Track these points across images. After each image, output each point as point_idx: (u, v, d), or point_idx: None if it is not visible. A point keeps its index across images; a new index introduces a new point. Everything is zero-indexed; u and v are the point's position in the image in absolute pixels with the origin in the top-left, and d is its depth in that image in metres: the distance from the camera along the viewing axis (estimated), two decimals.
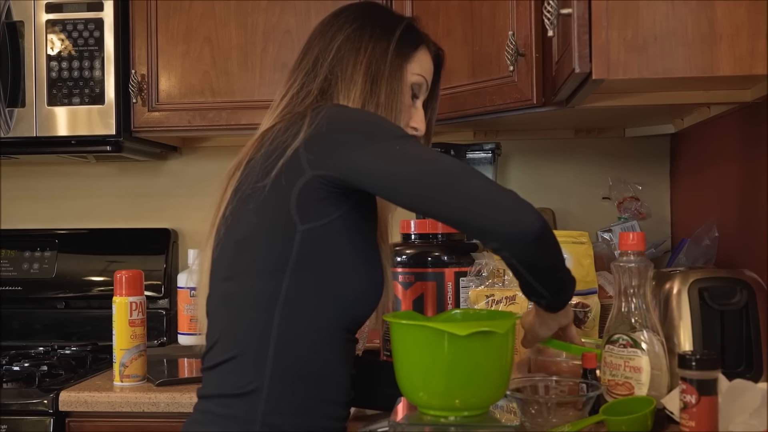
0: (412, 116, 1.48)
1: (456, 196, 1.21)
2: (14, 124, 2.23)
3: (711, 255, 1.85)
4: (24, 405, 1.95)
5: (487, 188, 1.21)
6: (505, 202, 1.20)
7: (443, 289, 1.86)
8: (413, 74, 1.46)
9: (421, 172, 1.22)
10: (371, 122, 1.31)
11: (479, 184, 1.21)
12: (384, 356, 1.94)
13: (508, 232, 1.20)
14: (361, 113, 1.35)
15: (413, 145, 1.28)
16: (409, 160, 1.24)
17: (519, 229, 1.19)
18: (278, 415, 1.27)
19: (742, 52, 1.28)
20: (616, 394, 1.37)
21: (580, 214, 2.44)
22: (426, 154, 1.29)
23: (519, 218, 1.19)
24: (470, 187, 1.21)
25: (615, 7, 1.29)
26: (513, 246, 1.21)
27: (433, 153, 1.35)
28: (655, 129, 2.31)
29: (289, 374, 1.28)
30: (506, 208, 1.20)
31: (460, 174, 1.21)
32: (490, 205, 1.20)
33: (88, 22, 2.23)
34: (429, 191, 1.22)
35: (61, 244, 2.57)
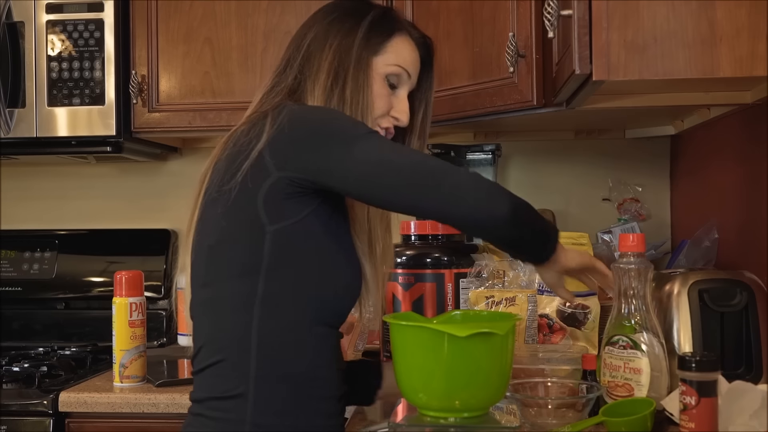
0: (393, 106, 1.44)
1: (420, 191, 1.23)
2: (14, 125, 2.23)
3: (711, 256, 1.85)
4: (24, 405, 1.94)
5: (451, 178, 1.23)
6: (471, 191, 1.23)
7: (443, 291, 1.86)
8: (387, 65, 1.42)
9: (384, 168, 1.24)
10: (333, 121, 1.30)
11: (442, 175, 1.23)
12: (384, 357, 1.94)
13: (478, 219, 1.24)
14: (323, 112, 1.34)
15: (374, 142, 1.27)
16: (371, 159, 1.24)
17: (489, 215, 1.23)
18: (267, 415, 1.27)
19: (743, 54, 1.28)
20: (615, 396, 1.37)
21: (580, 216, 2.44)
22: (387, 149, 1.28)
23: (486, 205, 1.23)
24: (434, 179, 1.23)
25: (615, 8, 1.29)
26: (486, 231, 1.28)
27: (394, 148, 1.32)
28: (655, 130, 2.31)
29: (273, 375, 1.28)
30: (473, 196, 1.23)
31: (423, 166, 1.24)
32: (456, 195, 1.22)
33: (89, 23, 2.23)
34: (394, 187, 1.24)
35: (61, 245, 2.57)
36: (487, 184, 1.25)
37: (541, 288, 1.76)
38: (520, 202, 1.26)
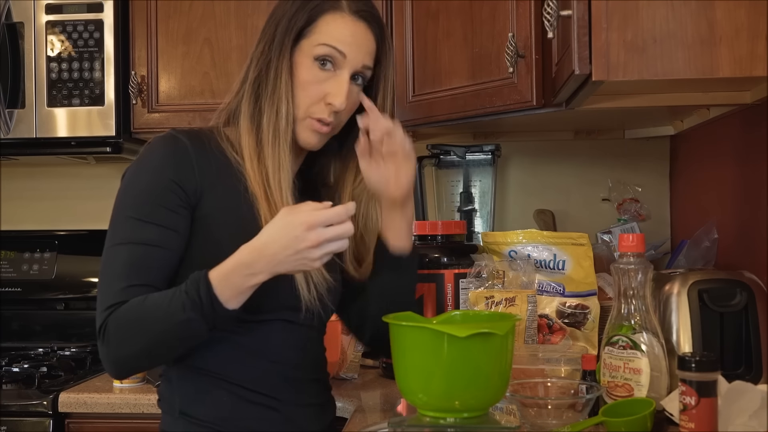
0: (328, 91, 1.38)
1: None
2: (14, 125, 2.23)
3: (710, 256, 1.85)
4: (24, 406, 1.95)
5: (98, 291, 1.37)
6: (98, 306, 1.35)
7: (443, 291, 1.86)
8: (314, 46, 1.37)
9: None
10: (119, 195, 1.37)
11: (99, 289, 1.36)
12: (384, 358, 1.94)
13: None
14: (127, 180, 1.37)
15: (115, 230, 1.35)
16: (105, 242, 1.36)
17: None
18: (189, 402, 1.37)
19: (742, 54, 1.28)
20: (615, 396, 1.37)
21: (580, 216, 2.44)
22: (110, 246, 1.35)
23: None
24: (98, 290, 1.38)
25: (615, 8, 1.29)
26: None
27: (111, 249, 1.36)
28: (654, 131, 2.31)
29: (184, 365, 1.38)
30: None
31: (101, 273, 1.37)
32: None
33: (88, 24, 2.23)
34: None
35: (61, 245, 2.57)
36: (110, 325, 1.33)
37: (541, 288, 1.76)
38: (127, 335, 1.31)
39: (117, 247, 1.33)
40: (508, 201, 2.50)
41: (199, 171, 1.35)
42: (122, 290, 1.30)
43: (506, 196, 2.50)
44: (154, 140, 1.38)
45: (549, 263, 1.77)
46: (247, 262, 1.23)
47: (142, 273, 1.31)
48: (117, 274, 1.31)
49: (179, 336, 1.27)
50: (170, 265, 1.33)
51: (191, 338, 1.28)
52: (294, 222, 1.22)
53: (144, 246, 1.31)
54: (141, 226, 1.31)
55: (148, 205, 1.32)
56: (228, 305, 1.24)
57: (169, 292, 1.27)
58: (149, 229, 1.31)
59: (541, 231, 1.83)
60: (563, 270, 1.75)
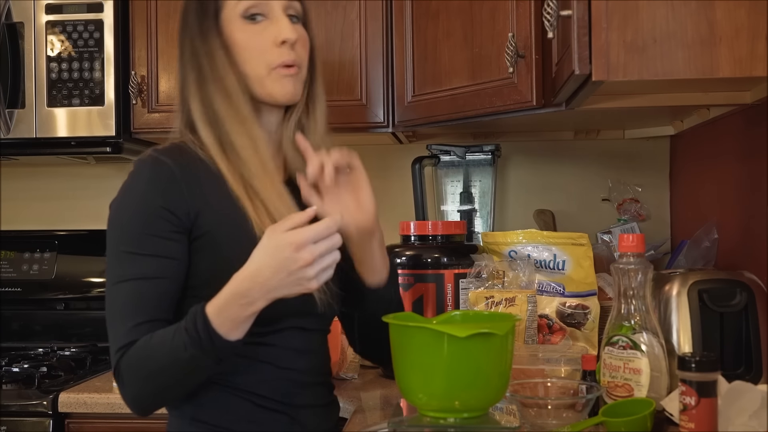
0: (274, 35, 1.35)
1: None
2: (14, 125, 2.23)
3: (711, 257, 1.85)
4: (23, 406, 1.95)
5: (108, 332, 1.30)
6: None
7: (443, 291, 1.86)
8: (235, 6, 1.36)
9: (106, 295, 1.32)
10: (110, 228, 1.33)
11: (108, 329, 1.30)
12: None
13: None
14: (115, 212, 1.34)
15: (112, 268, 1.31)
16: (106, 281, 1.32)
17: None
18: (200, 409, 1.35)
19: (742, 54, 1.28)
20: (615, 396, 1.37)
21: (580, 216, 2.44)
22: (111, 285, 1.31)
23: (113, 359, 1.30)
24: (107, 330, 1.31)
25: (615, 8, 1.29)
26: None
27: (113, 287, 1.31)
28: (654, 131, 2.31)
29: None
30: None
31: (108, 313, 1.30)
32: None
33: (88, 24, 2.23)
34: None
35: (61, 246, 2.57)
36: (123, 366, 1.27)
37: (541, 288, 1.76)
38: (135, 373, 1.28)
39: (117, 286, 1.29)
40: (508, 201, 2.50)
41: (188, 190, 1.31)
42: (129, 330, 1.26)
43: (506, 196, 2.50)
44: (136, 166, 1.34)
45: (549, 263, 1.77)
46: (241, 291, 1.20)
47: (147, 309, 1.28)
48: (122, 314, 1.28)
49: (186, 373, 1.25)
50: (173, 295, 1.30)
51: (199, 373, 1.26)
52: (281, 244, 1.18)
53: (143, 281, 1.28)
54: (136, 260, 1.28)
55: (140, 237, 1.29)
56: (229, 337, 1.21)
57: (171, 330, 1.24)
58: (145, 262, 1.28)
59: (541, 231, 1.83)
60: (563, 270, 1.75)
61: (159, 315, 1.28)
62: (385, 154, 2.52)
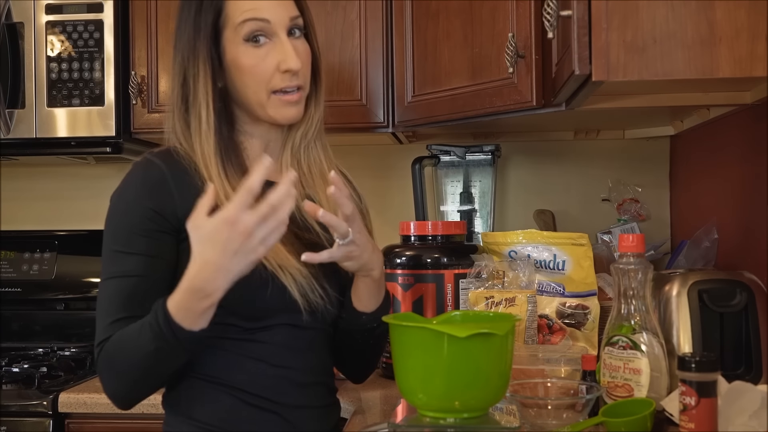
0: (278, 60, 1.35)
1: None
2: (14, 126, 2.23)
3: (710, 257, 1.85)
4: (23, 406, 1.95)
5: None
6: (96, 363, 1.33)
7: (443, 291, 1.86)
8: (236, 26, 1.36)
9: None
10: (105, 228, 1.38)
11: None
12: (384, 358, 1.94)
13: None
14: (109, 213, 1.38)
15: (103, 266, 1.36)
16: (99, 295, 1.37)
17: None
18: (193, 406, 1.37)
19: (742, 54, 1.28)
20: (615, 396, 1.37)
21: (580, 216, 2.44)
22: (101, 281, 1.36)
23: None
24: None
25: (615, 9, 1.29)
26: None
27: (101, 283, 1.36)
28: (654, 131, 2.31)
29: (188, 369, 1.36)
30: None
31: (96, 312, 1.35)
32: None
33: (88, 24, 2.23)
34: None
35: (61, 246, 2.57)
36: (100, 362, 1.31)
37: (541, 289, 1.76)
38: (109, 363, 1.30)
39: (105, 282, 1.34)
40: (508, 201, 2.50)
41: (177, 192, 1.33)
42: (109, 325, 1.30)
43: (506, 197, 2.50)
44: (132, 167, 1.39)
45: (549, 263, 1.77)
46: (197, 287, 1.19)
47: (129, 305, 1.30)
48: (105, 310, 1.32)
49: (156, 365, 1.26)
50: (157, 293, 1.28)
51: (169, 363, 1.27)
52: (214, 227, 1.16)
53: (127, 278, 1.31)
54: (122, 257, 1.32)
55: (127, 236, 1.33)
56: (193, 328, 1.21)
57: (137, 325, 1.26)
58: (130, 260, 1.32)
59: (541, 231, 1.83)
60: (563, 270, 1.75)
61: (140, 312, 1.28)
62: (385, 154, 2.52)
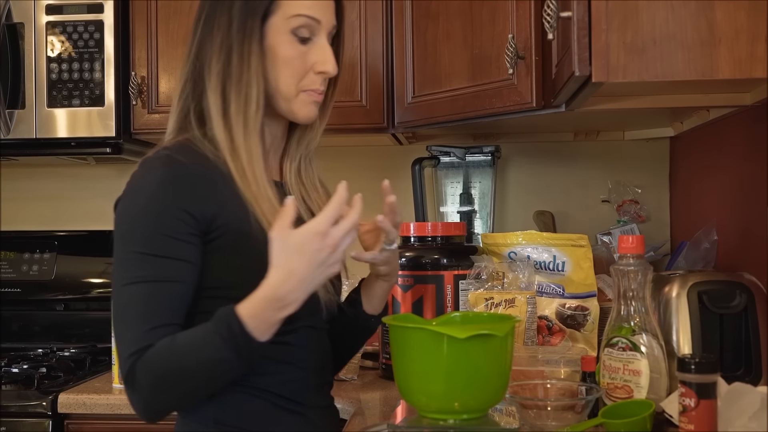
0: (315, 60, 1.34)
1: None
2: (14, 126, 2.23)
3: (710, 258, 1.85)
4: (23, 407, 1.94)
5: (115, 334, 1.25)
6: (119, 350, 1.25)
7: (442, 292, 1.86)
8: (288, 18, 1.32)
9: (112, 297, 1.26)
10: (121, 228, 1.27)
11: (117, 332, 1.25)
12: (383, 359, 1.94)
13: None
14: (126, 211, 1.27)
15: (124, 269, 1.24)
16: (113, 283, 1.25)
17: (120, 378, 1.26)
18: (224, 412, 1.31)
19: (742, 56, 1.28)
20: (615, 397, 1.37)
21: (580, 217, 2.44)
22: (122, 286, 1.24)
23: (121, 367, 1.24)
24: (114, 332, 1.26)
25: (615, 10, 1.29)
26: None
27: (124, 288, 1.24)
28: (654, 132, 2.31)
29: None
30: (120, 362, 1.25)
31: (116, 317, 1.25)
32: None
33: (89, 24, 2.23)
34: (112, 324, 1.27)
35: (61, 246, 2.57)
36: (139, 372, 1.21)
37: (540, 290, 1.76)
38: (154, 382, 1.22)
39: (130, 287, 1.23)
40: (507, 202, 2.50)
41: (204, 191, 1.26)
42: (145, 334, 1.20)
43: (506, 198, 2.50)
44: (147, 165, 1.28)
45: (549, 265, 1.77)
46: (278, 296, 1.16)
47: (161, 312, 1.22)
48: (135, 317, 1.22)
49: (216, 377, 1.21)
50: (188, 299, 1.25)
51: (227, 376, 1.22)
52: (305, 238, 1.16)
53: (159, 283, 1.22)
54: (152, 261, 1.22)
55: (154, 238, 1.23)
56: (261, 339, 1.18)
57: (197, 333, 1.20)
58: (162, 264, 1.22)
59: (540, 232, 1.83)
60: (563, 271, 1.75)
61: (173, 319, 1.23)
62: (384, 155, 2.52)
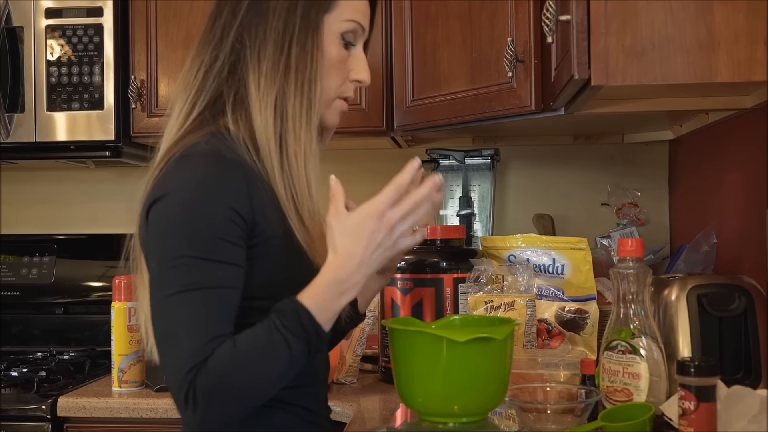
0: (351, 68, 1.30)
1: (156, 345, 1.16)
2: (13, 130, 2.23)
3: (710, 261, 1.85)
4: (22, 410, 1.94)
5: (164, 349, 1.14)
6: (167, 368, 1.13)
7: (442, 295, 1.86)
8: (341, 21, 1.26)
9: (154, 309, 1.16)
10: (165, 231, 1.17)
11: (166, 346, 1.13)
12: (383, 362, 1.94)
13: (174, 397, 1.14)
14: (171, 213, 1.17)
15: (172, 276, 1.13)
16: (156, 292, 1.15)
17: (174, 396, 1.13)
18: (252, 427, 1.22)
19: (741, 59, 1.28)
20: (614, 401, 1.37)
21: (579, 220, 2.44)
22: (169, 296, 1.13)
23: (171, 383, 1.12)
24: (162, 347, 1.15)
25: (613, 13, 1.29)
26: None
27: (173, 298, 1.12)
28: (653, 135, 2.31)
29: None
30: (167, 375, 1.13)
31: (165, 329, 1.13)
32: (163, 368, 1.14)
33: (88, 28, 2.23)
34: (153, 329, 1.16)
35: (60, 250, 2.56)
36: (206, 387, 1.09)
37: (540, 293, 1.76)
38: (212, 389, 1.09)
39: (179, 296, 1.12)
40: (507, 205, 2.50)
41: (250, 192, 1.18)
42: (207, 344, 1.10)
43: (505, 201, 2.50)
44: (191, 159, 1.19)
45: (548, 268, 1.77)
46: (338, 280, 1.13)
47: (219, 322, 1.12)
48: (190, 329, 1.11)
49: (286, 375, 1.14)
50: (237, 306, 1.16)
51: (293, 374, 1.15)
52: (362, 219, 1.14)
53: (213, 290, 1.12)
54: (203, 266, 1.12)
55: (209, 240, 1.13)
56: (326, 328, 1.13)
57: (260, 332, 1.12)
58: (215, 269, 1.13)
59: (540, 235, 1.83)
60: (562, 274, 1.76)
61: (229, 328, 1.13)
62: (384, 158, 2.52)
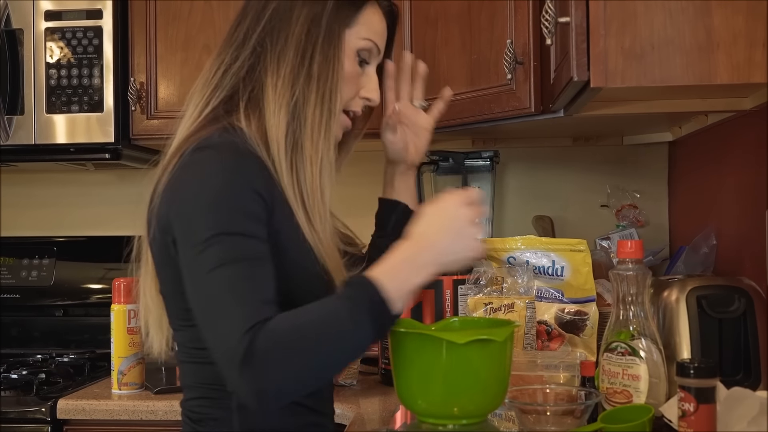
0: (362, 86, 1.34)
1: (202, 324, 1.14)
2: (13, 132, 2.23)
3: (709, 263, 1.85)
4: (22, 413, 1.94)
5: (216, 318, 1.11)
6: (217, 331, 1.10)
7: (441, 297, 1.86)
8: (359, 39, 1.31)
9: (196, 289, 1.14)
10: (194, 214, 1.15)
11: (218, 314, 1.10)
12: (382, 365, 1.94)
13: (225, 370, 1.10)
14: (197, 196, 1.16)
15: (209, 255, 1.12)
16: (195, 273, 1.14)
17: (228, 362, 1.08)
18: (252, 422, 1.24)
19: (740, 61, 1.28)
20: (614, 402, 1.37)
21: (579, 222, 2.44)
22: (210, 271, 1.11)
23: (225, 350, 1.08)
24: (210, 325, 1.12)
25: (613, 15, 1.29)
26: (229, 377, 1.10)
27: (215, 272, 1.11)
28: (653, 137, 2.31)
29: None
30: (217, 341, 1.10)
31: (212, 301, 1.11)
32: (212, 346, 1.12)
33: (87, 30, 2.23)
34: (196, 309, 1.15)
35: (60, 252, 2.57)
36: (265, 346, 1.06)
37: (539, 295, 1.76)
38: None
39: (222, 269, 1.10)
40: (506, 207, 2.50)
41: (265, 181, 1.20)
42: (259, 308, 1.09)
43: (505, 203, 2.50)
44: (211, 149, 1.19)
45: (548, 269, 1.77)
46: (409, 257, 1.13)
47: (267, 289, 1.12)
48: (239, 294, 1.10)
49: (351, 351, 1.13)
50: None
51: (360, 351, 1.15)
52: (445, 204, 1.17)
53: (258, 261, 1.13)
54: (244, 241, 1.13)
55: (242, 216, 1.14)
56: (395, 310, 1.12)
57: (325, 303, 1.11)
58: (255, 244, 1.13)
59: (539, 237, 1.83)
60: (562, 276, 1.75)
61: (277, 298, 1.12)
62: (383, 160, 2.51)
